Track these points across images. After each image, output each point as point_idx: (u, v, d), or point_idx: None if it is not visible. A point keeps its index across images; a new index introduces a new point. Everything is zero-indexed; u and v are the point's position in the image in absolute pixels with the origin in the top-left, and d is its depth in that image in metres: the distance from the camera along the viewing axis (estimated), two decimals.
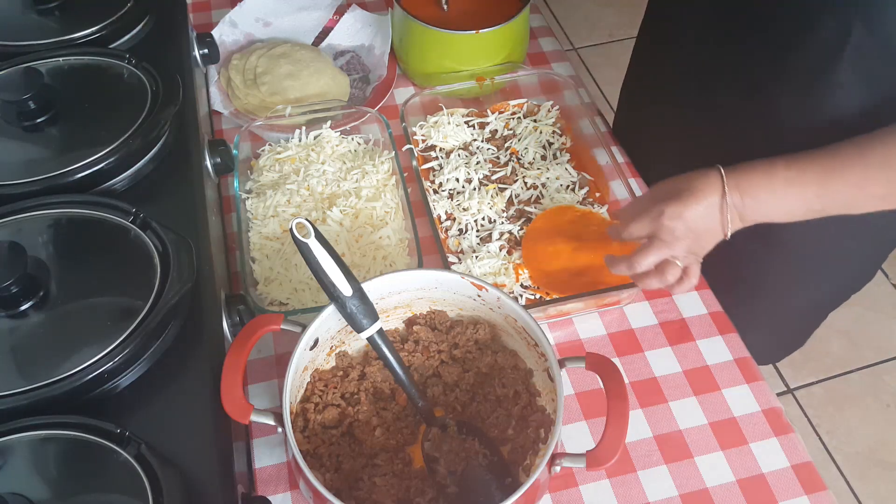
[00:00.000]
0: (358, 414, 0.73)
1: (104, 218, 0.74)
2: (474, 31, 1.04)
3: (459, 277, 0.74)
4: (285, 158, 0.98)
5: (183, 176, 0.82)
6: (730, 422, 0.82)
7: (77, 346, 0.64)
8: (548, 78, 1.09)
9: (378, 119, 1.00)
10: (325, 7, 1.21)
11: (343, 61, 1.16)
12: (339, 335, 0.76)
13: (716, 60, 0.89)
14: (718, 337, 0.88)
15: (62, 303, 0.68)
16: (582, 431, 0.81)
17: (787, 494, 0.77)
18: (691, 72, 0.94)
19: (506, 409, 0.75)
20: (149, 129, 0.80)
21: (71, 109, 0.84)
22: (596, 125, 1.01)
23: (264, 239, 0.90)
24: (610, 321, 0.90)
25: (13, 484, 0.57)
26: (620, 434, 0.63)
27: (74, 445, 0.60)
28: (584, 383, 0.84)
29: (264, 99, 1.05)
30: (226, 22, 1.17)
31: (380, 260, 0.89)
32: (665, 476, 0.78)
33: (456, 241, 0.93)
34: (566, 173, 1.00)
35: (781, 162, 0.73)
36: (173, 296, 0.67)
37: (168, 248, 0.71)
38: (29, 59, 0.88)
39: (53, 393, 0.61)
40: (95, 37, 0.92)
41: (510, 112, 1.07)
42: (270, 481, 0.77)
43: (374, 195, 0.94)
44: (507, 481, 0.70)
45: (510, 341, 0.78)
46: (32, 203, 0.74)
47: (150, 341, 0.66)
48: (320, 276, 0.68)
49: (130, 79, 0.87)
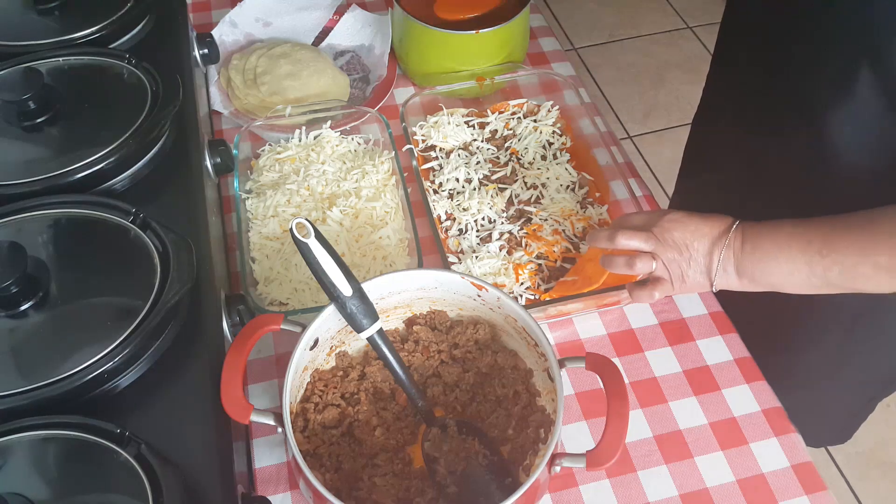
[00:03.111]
0: (358, 414, 0.73)
1: (104, 218, 0.74)
2: (474, 31, 1.04)
3: (459, 277, 0.74)
4: (285, 158, 0.98)
5: (183, 176, 0.82)
6: (730, 422, 0.82)
7: (77, 346, 0.64)
8: (548, 78, 1.09)
9: (378, 119, 1.00)
10: (325, 7, 1.21)
11: (343, 61, 1.16)
12: (339, 335, 0.76)
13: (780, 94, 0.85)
14: (718, 337, 0.88)
15: (62, 303, 0.68)
16: (582, 431, 0.81)
17: (787, 494, 0.77)
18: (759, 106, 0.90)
19: (506, 409, 0.75)
20: (149, 129, 0.80)
21: (71, 109, 0.84)
22: (596, 125, 1.01)
23: (264, 239, 0.90)
24: (610, 321, 0.90)
25: (13, 484, 0.57)
26: (620, 434, 0.63)
27: (74, 445, 0.60)
28: (584, 383, 0.84)
29: (264, 99, 1.05)
30: (226, 22, 1.17)
31: (380, 260, 0.89)
32: (665, 476, 0.78)
33: (456, 241, 0.93)
34: (566, 173, 1.00)
35: (791, 220, 0.71)
36: (173, 296, 0.67)
37: (168, 248, 0.71)
38: (29, 59, 0.88)
39: (53, 393, 0.61)
40: (95, 37, 0.92)
41: (510, 112, 1.07)
42: (270, 481, 0.76)
43: (374, 195, 0.94)
44: (507, 481, 0.70)
45: (510, 341, 0.78)
46: (32, 203, 0.74)
47: (150, 341, 0.66)
48: (320, 276, 0.68)
49: (130, 79, 0.87)
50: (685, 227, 0.74)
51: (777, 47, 0.83)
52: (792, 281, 0.71)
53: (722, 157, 1.01)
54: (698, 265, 0.74)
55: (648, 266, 0.75)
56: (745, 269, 0.72)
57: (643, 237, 0.75)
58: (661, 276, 0.76)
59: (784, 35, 0.81)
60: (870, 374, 1.03)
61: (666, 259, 0.75)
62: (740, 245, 0.72)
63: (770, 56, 0.84)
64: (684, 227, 0.74)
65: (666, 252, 0.75)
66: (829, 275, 0.69)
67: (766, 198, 0.88)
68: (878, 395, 1.11)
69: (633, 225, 0.78)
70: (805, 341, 0.98)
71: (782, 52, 0.82)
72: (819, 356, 0.99)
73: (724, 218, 0.75)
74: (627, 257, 0.76)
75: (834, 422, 1.16)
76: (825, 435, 1.21)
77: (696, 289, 0.76)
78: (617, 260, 0.77)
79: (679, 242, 0.74)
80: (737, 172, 0.96)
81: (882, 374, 1.04)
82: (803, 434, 0.82)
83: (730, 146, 0.98)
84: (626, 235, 0.76)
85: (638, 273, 0.76)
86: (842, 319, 0.93)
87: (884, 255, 0.66)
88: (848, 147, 0.79)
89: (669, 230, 0.75)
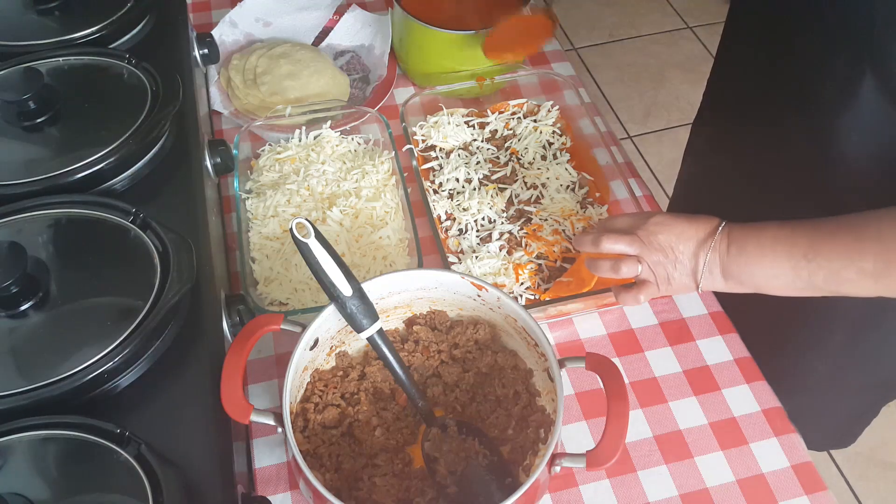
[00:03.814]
0: (358, 414, 0.73)
1: (104, 218, 0.74)
2: (474, 31, 1.04)
3: (459, 277, 0.74)
4: (285, 158, 0.98)
5: (183, 176, 0.82)
6: (730, 422, 0.82)
7: (77, 346, 0.64)
8: (548, 78, 1.09)
9: (378, 119, 1.00)
10: (325, 7, 1.21)
11: (343, 61, 1.16)
12: (339, 335, 0.76)
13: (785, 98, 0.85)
14: (718, 337, 0.88)
15: (62, 303, 0.68)
16: (582, 431, 0.81)
17: (787, 494, 0.77)
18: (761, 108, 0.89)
19: (506, 409, 0.75)
20: (149, 129, 0.80)
21: (71, 109, 0.84)
22: (596, 125, 1.01)
23: (264, 239, 0.90)
24: (610, 321, 0.90)
25: (13, 484, 0.57)
26: (620, 434, 0.63)
27: (74, 445, 0.60)
28: (584, 383, 0.84)
29: (264, 99, 1.05)
30: (226, 22, 1.17)
31: (380, 260, 0.89)
32: (665, 476, 0.78)
33: (456, 241, 0.93)
34: (566, 173, 1.00)
35: (776, 222, 0.71)
36: (173, 296, 0.67)
37: (168, 248, 0.71)
38: (29, 59, 0.88)
39: (53, 393, 0.61)
40: (95, 37, 0.92)
41: (510, 112, 1.07)
42: (270, 481, 0.77)
43: (374, 195, 0.94)
44: (507, 481, 0.70)
45: (510, 341, 0.78)
46: (32, 203, 0.74)
47: (150, 341, 0.66)
48: (320, 276, 0.68)
49: (130, 79, 0.87)
50: (670, 230, 0.74)
51: (781, 48, 0.82)
52: (776, 284, 0.71)
53: (723, 159, 1.01)
54: (684, 267, 0.74)
55: (633, 270, 0.75)
56: (731, 272, 0.72)
57: (628, 241, 0.75)
58: (646, 278, 0.76)
59: (788, 36, 0.81)
60: (875, 377, 1.02)
61: (651, 262, 0.75)
62: (726, 248, 0.72)
63: (774, 57, 0.84)
64: (669, 230, 0.74)
65: (651, 255, 0.74)
66: (813, 279, 0.68)
67: (766, 199, 0.87)
68: (882, 399, 1.10)
69: (618, 228, 0.77)
70: (809, 344, 0.98)
71: (786, 52, 0.82)
72: (823, 359, 0.99)
73: (710, 219, 0.74)
74: (612, 261, 0.76)
75: (837, 426, 1.15)
76: (829, 439, 1.20)
77: (682, 291, 0.76)
78: (602, 264, 0.77)
79: (664, 245, 0.74)
80: (737, 174, 0.96)
81: (886, 378, 1.04)
82: (807, 438, 0.82)
83: (731, 148, 0.97)
84: (610, 239, 0.75)
85: (623, 277, 0.76)
86: (846, 322, 0.93)
87: (868, 260, 0.65)
88: (852, 149, 0.78)
89: (654, 233, 0.74)
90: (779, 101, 0.85)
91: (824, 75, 0.77)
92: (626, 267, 0.75)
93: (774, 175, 0.89)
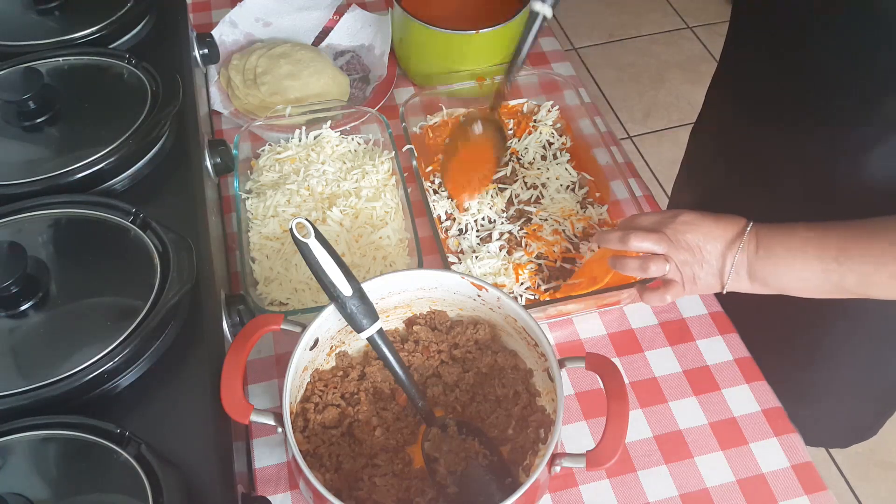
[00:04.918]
0: (358, 414, 0.73)
1: (104, 218, 0.74)
2: (474, 31, 1.04)
3: (459, 277, 0.74)
4: (285, 158, 0.98)
5: (183, 176, 0.82)
6: (730, 422, 0.82)
7: (77, 346, 0.64)
8: (548, 78, 1.09)
9: (378, 119, 1.00)
10: (325, 7, 1.21)
11: (343, 61, 1.16)
12: (339, 335, 0.76)
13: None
14: (718, 337, 0.88)
15: (62, 303, 0.68)
16: (582, 431, 0.81)
17: (787, 494, 0.77)
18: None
19: (506, 409, 0.75)
20: (149, 129, 0.80)
21: (71, 109, 0.84)
22: (596, 125, 1.01)
23: (264, 239, 0.90)
24: (610, 321, 0.90)
25: (13, 484, 0.57)
26: (620, 434, 0.63)
27: (74, 445, 0.60)
28: (584, 383, 0.84)
29: (264, 99, 1.05)
30: (226, 22, 1.17)
31: (380, 260, 0.89)
32: (665, 476, 0.78)
33: (456, 241, 0.93)
34: (566, 173, 1.00)
35: (804, 224, 0.70)
36: (173, 296, 0.67)
37: (168, 248, 0.71)
38: (29, 59, 0.88)
39: (53, 393, 0.61)
40: (95, 37, 0.92)
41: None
42: (270, 481, 0.77)
43: (374, 195, 0.94)
44: (507, 481, 0.70)
45: (510, 341, 0.78)
46: (32, 203, 0.74)
47: (150, 341, 0.66)
48: (320, 276, 0.68)
49: (130, 79, 0.87)
50: (698, 229, 0.74)
51: (788, 48, 0.82)
52: (805, 286, 0.70)
53: (723, 162, 1.00)
54: (711, 267, 0.73)
55: (662, 269, 0.74)
56: (758, 273, 0.72)
57: (655, 238, 0.74)
58: (672, 278, 0.75)
59: (794, 36, 0.80)
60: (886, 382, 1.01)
61: (678, 261, 0.74)
62: (755, 249, 0.71)
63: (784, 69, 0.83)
64: (697, 229, 0.74)
65: (678, 254, 0.74)
66: (843, 282, 0.68)
67: (766, 200, 0.87)
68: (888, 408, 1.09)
69: (644, 226, 0.77)
70: (819, 349, 0.97)
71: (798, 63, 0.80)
72: (835, 363, 0.98)
73: (736, 219, 0.74)
74: (641, 260, 0.75)
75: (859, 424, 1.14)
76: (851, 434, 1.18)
77: (707, 291, 0.75)
78: (629, 262, 0.76)
79: (692, 244, 0.73)
80: (738, 177, 0.96)
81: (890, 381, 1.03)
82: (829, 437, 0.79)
83: (733, 151, 0.97)
84: (638, 237, 0.74)
85: (652, 276, 0.75)
86: (860, 328, 0.92)
87: None
88: (866, 159, 0.77)
89: (682, 232, 0.74)
90: (791, 109, 0.84)
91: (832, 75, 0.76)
92: (655, 266, 0.74)
93: (779, 179, 0.89)
